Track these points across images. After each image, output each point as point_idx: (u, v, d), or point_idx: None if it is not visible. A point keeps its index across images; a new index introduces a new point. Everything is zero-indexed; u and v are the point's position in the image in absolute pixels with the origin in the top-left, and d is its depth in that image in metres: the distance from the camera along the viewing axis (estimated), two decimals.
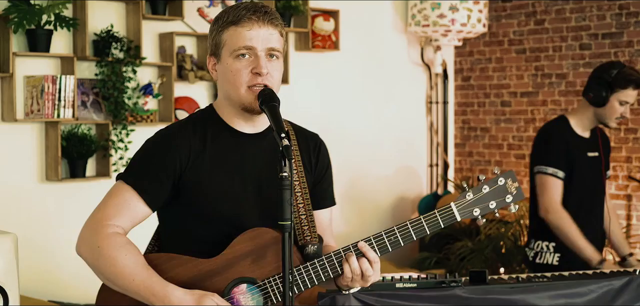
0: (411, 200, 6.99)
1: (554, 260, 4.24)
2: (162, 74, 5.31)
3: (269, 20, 2.44)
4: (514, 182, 2.53)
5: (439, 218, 2.48)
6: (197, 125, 2.51)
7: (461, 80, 7.38)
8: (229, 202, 2.46)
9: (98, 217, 2.43)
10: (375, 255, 2.45)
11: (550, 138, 4.30)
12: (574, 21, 6.63)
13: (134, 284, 2.37)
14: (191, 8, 5.48)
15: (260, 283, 2.44)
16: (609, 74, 4.16)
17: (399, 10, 6.89)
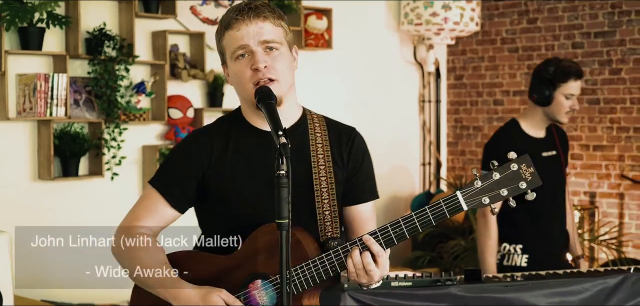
0: (404, 198, 6.99)
1: (523, 261, 4.20)
2: (154, 72, 5.29)
3: (255, 15, 2.44)
4: (529, 167, 2.36)
5: (444, 207, 2.36)
6: (222, 126, 2.58)
7: (454, 79, 7.38)
8: (250, 201, 2.50)
9: (128, 220, 2.54)
10: (379, 249, 2.39)
11: (500, 142, 4.20)
12: (566, 20, 6.64)
13: (152, 280, 2.46)
14: (184, 6, 5.46)
15: (273, 278, 2.46)
16: (547, 71, 4.13)
17: (392, 9, 6.89)
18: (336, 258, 2.44)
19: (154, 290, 2.48)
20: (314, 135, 2.60)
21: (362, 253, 2.40)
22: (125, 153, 5.16)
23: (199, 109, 5.51)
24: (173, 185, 2.52)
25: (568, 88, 4.12)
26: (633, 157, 6.31)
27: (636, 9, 6.25)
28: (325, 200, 2.55)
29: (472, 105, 7.27)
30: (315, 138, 2.59)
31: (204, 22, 5.56)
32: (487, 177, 2.37)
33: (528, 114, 4.25)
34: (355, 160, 2.64)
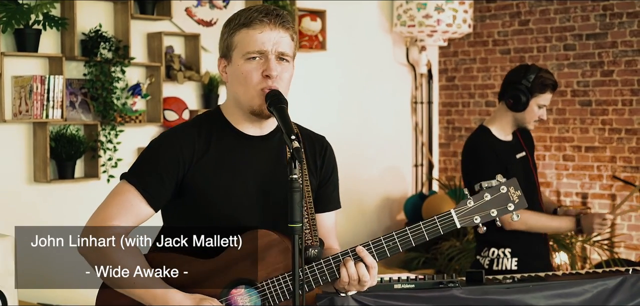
0: (397, 200, 7.01)
1: (513, 265, 4.23)
2: (150, 74, 5.28)
3: (281, 23, 2.44)
4: (517, 191, 2.52)
5: (438, 224, 2.48)
6: (202, 126, 2.52)
7: (445, 81, 7.40)
8: (230, 204, 2.47)
9: (101, 217, 2.44)
10: (373, 261, 2.44)
11: (477, 152, 4.23)
12: (558, 22, 6.68)
13: (135, 286, 2.39)
14: (179, 8, 5.46)
15: (259, 285, 2.44)
16: (528, 79, 4.13)
17: (385, 11, 6.91)
18: (327, 268, 2.45)
19: (135, 293, 2.40)
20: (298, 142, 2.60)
21: (357, 264, 2.42)
22: (121, 155, 5.14)
23: (195, 111, 5.50)
24: (151, 182, 2.44)
25: (543, 99, 4.18)
26: (624, 158, 6.36)
27: (628, 11, 6.30)
28: (304, 208, 2.54)
29: (464, 106, 7.30)
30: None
31: (199, 23, 5.56)
32: (479, 198, 2.50)
33: (497, 118, 4.26)
34: (327, 170, 2.66)
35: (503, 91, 4.24)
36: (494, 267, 4.22)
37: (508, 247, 4.21)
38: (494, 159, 4.15)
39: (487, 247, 4.24)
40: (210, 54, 5.65)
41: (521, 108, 4.16)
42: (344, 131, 6.56)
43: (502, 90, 4.26)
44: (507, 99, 4.18)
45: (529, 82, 4.14)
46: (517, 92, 4.15)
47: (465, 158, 4.34)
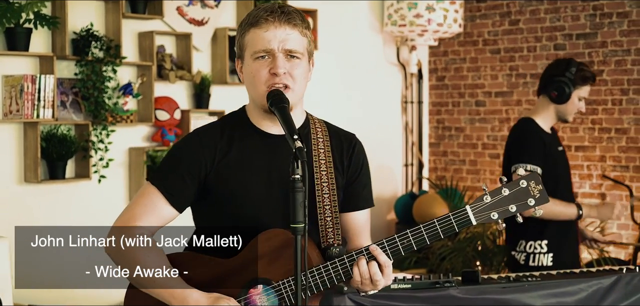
0: (387, 199, 7.00)
1: (548, 261, 4.28)
2: (142, 73, 5.25)
3: (286, 20, 2.43)
4: (538, 185, 2.41)
5: (453, 221, 2.40)
6: (225, 126, 2.55)
7: (436, 80, 7.41)
8: (253, 204, 2.48)
9: (125, 218, 2.49)
10: (386, 259, 2.42)
11: (525, 136, 4.35)
12: (548, 21, 6.70)
13: (155, 285, 2.42)
14: (171, 7, 5.43)
15: (275, 284, 2.44)
16: (570, 71, 4.28)
17: (375, 10, 6.90)
18: (341, 267, 2.44)
19: (156, 292, 2.44)
20: (316, 140, 2.59)
21: (369, 263, 2.41)
22: (112, 155, 5.11)
23: (186, 111, 5.48)
24: (174, 184, 2.48)
25: (584, 92, 4.36)
26: (614, 158, 6.38)
27: (617, 11, 6.32)
28: (327, 206, 2.54)
29: (454, 106, 7.31)
30: (318, 144, 2.59)
31: (191, 22, 5.53)
32: (497, 193, 2.41)
33: (540, 111, 4.40)
34: (355, 168, 2.64)
35: (544, 84, 4.37)
36: (530, 263, 4.28)
37: (545, 239, 4.28)
38: (540, 146, 4.28)
39: (523, 240, 4.31)
40: (201, 54, 5.63)
41: (565, 100, 4.29)
42: None
43: (542, 83, 4.39)
44: (551, 92, 4.31)
45: (572, 74, 4.28)
46: (560, 84, 4.28)
47: (510, 142, 4.44)
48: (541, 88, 4.38)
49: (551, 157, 4.30)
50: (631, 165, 6.30)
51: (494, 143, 7.03)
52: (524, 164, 4.24)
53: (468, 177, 7.19)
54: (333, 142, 2.62)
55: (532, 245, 4.31)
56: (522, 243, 4.34)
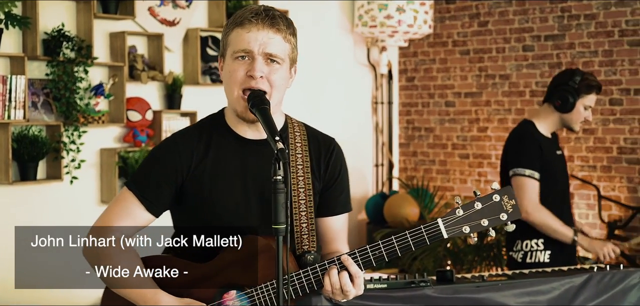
0: (358, 200, 7.03)
1: (545, 258, 4.35)
2: (113, 74, 5.22)
3: (270, 24, 2.41)
4: (511, 200, 2.40)
5: (424, 234, 2.39)
6: (203, 130, 2.53)
7: (405, 81, 7.45)
8: (229, 209, 2.47)
9: (102, 222, 2.49)
10: (357, 270, 2.39)
11: (523, 140, 4.40)
12: (517, 23, 6.77)
13: (127, 286, 2.41)
14: (142, 7, 5.41)
15: (249, 291, 2.43)
16: (574, 81, 4.34)
17: (346, 11, 6.93)
18: (314, 276, 2.43)
19: (127, 293, 2.43)
20: (294, 144, 2.58)
21: (340, 273, 2.39)
22: (84, 156, 5.08)
23: (158, 111, 5.46)
24: (150, 189, 2.47)
25: (589, 100, 4.39)
26: (582, 158, 6.46)
27: (585, 13, 6.40)
28: (303, 212, 2.53)
29: (424, 106, 7.35)
30: (296, 148, 2.57)
31: (162, 23, 5.51)
32: (469, 207, 2.39)
33: (542, 116, 4.46)
34: (333, 172, 2.62)
35: (550, 93, 4.43)
36: (527, 260, 4.36)
37: (541, 238, 4.34)
38: (537, 151, 4.33)
39: (519, 240, 4.38)
40: (173, 54, 5.61)
41: (569, 108, 4.35)
42: None
43: (548, 92, 4.45)
44: (555, 100, 4.36)
45: (576, 83, 4.34)
46: (564, 94, 4.34)
47: (508, 146, 4.48)
48: (547, 97, 4.44)
49: (549, 162, 4.36)
50: (598, 165, 6.39)
51: (464, 143, 7.09)
52: (522, 168, 4.30)
53: (438, 177, 7.25)
54: (311, 146, 2.61)
55: (528, 244, 4.36)
56: (518, 242, 4.40)
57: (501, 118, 6.86)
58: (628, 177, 6.25)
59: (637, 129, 6.19)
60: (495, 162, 6.86)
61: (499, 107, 6.88)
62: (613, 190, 6.31)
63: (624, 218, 6.19)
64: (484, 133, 6.95)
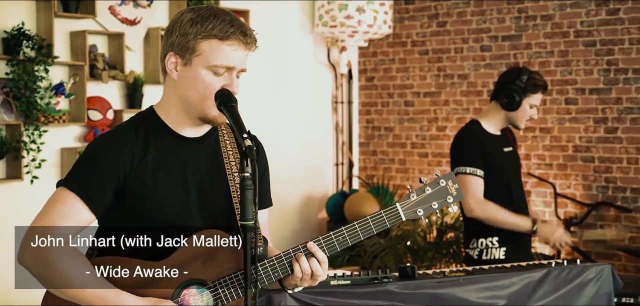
0: (318, 198, 7.07)
1: (501, 254, 4.41)
2: (74, 73, 5.20)
3: (250, 46, 2.46)
4: (454, 184, 2.64)
5: (385, 217, 2.55)
6: (139, 128, 2.49)
7: (365, 81, 7.51)
8: (172, 207, 2.46)
9: (41, 225, 2.37)
10: (324, 256, 2.49)
11: (465, 140, 4.47)
12: (475, 24, 6.86)
13: (85, 294, 2.33)
14: (103, 6, 5.39)
15: (211, 285, 2.43)
16: (521, 79, 4.38)
17: (306, 11, 6.96)
18: (279, 265, 2.47)
19: (85, 298, 2.34)
20: (224, 142, 2.60)
21: (309, 259, 2.46)
22: (44, 155, 5.05)
23: (119, 111, 5.44)
24: (92, 188, 2.39)
25: (535, 99, 4.44)
26: (539, 156, 6.57)
27: (542, 14, 6.51)
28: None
29: (384, 106, 7.42)
30: (226, 146, 2.60)
31: (123, 22, 5.50)
32: (421, 191, 2.61)
33: (489, 115, 4.50)
34: (260, 168, 2.61)
35: (496, 91, 4.47)
36: (483, 257, 4.42)
37: (496, 236, 4.40)
38: (479, 149, 4.38)
39: (475, 238, 4.44)
40: (134, 53, 5.60)
41: (515, 107, 4.39)
42: (266, 130, 6.58)
43: (495, 90, 4.49)
44: (501, 99, 4.41)
45: (523, 82, 4.38)
46: (511, 92, 4.39)
47: (452, 147, 4.54)
48: (493, 95, 4.50)
49: (493, 159, 4.42)
50: (555, 163, 6.50)
51: (423, 142, 7.17)
52: (463, 166, 4.37)
53: (397, 176, 7.31)
54: (238, 142, 2.64)
55: (483, 242, 4.43)
56: (474, 240, 4.47)
57: (460, 117, 6.94)
58: (583, 175, 6.37)
59: (592, 128, 6.31)
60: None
61: (457, 107, 6.97)
62: (569, 188, 6.43)
63: (580, 215, 6.31)
64: (442, 132, 7.03)
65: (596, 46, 6.27)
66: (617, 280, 3.99)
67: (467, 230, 4.55)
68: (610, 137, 6.24)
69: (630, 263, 6.13)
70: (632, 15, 6.10)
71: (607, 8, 6.21)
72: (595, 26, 6.27)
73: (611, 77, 6.21)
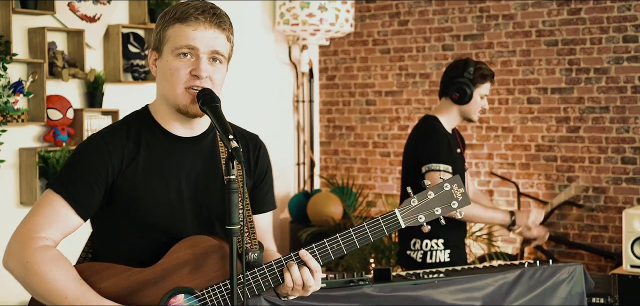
0: (280, 198, 6.99)
1: (446, 256, 4.37)
2: (33, 71, 5.04)
3: (217, 23, 2.37)
4: (460, 188, 2.49)
5: (382, 225, 2.42)
6: (130, 128, 2.42)
7: (326, 79, 7.45)
8: (163, 210, 2.37)
9: (26, 229, 2.31)
10: (316, 264, 2.38)
11: (433, 135, 4.38)
12: (436, 23, 6.84)
13: (67, 301, 2.25)
14: (62, 3, 5.24)
15: (198, 293, 2.35)
16: (469, 72, 4.35)
17: (267, 9, 6.88)
18: (270, 273, 2.37)
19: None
20: (221, 142, 2.52)
21: (301, 268, 2.36)
22: (3, 156, 4.89)
23: (79, 110, 5.30)
24: (80, 192, 2.32)
25: (484, 89, 4.38)
26: (501, 155, 6.59)
27: (503, 14, 6.52)
28: (240, 210, 2.49)
29: (345, 105, 7.37)
30: (224, 146, 2.51)
31: (83, 19, 5.36)
32: (423, 197, 2.46)
33: (443, 111, 4.44)
34: (262, 169, 2.60)
35: (445, 87, 4.39)
36: (427, 260, 4.33)
37: (441, 238, 4.33)
38: (447, 146, 4.30)
39: (418, 240, 4.33)
40: (94, 51, 5.47)
41: (467, 100, 4.34)
42: None
43: (443, 86, 4.41)
44: (453, 94, 4.34)
45: (471, 74, 4.33)
46: (461, 86, 4.32)
47: (418, 140, 4.41)
48: (442, 91, 4.43)
49: (454, 159, 4.37)
50: (517, 163, 6.52)
51: (385, 141, 7.14)
52: (436, 164, 4.26)
53: (359, 176, 7.28)
54: (239, 144, 2.57)
55: (428, 244, 4.36)
56: (416, 241, 4.38)
57: (422, 116, 6.90)
58: (546, 174, 6.40)
59: (554, 127, 6.34)
60: None
61: (419, 106, 6.95)
62: (532, 187, 6.45)
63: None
64: (404, 131, 7.00)
65: (558, 46, 6.30)
66: (589, 280, 4.00)
67: (405, 232, 4.38)
68: (572, 136, 6.27)
69: (592, 262, 6.17)
70: (594, 15, 6.14)
71: (568, 8, 6.24)
72: (557, 26, 6.30)
73: (573, 77, 6.25)
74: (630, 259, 5.15)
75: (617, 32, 6.05)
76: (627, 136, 6.04)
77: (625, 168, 6.06)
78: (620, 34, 6.04)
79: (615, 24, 6.05)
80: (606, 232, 6.16)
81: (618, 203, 6.09)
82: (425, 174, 4.27)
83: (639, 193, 6.01)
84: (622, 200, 6.08)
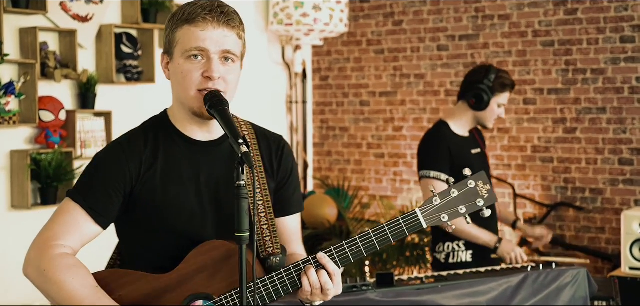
0: None
1: (468, 257, 4.35)
2: (24, 71, 4.95)
3: (225, 21, 2.31)
4: (486, 185, 2.38)
5: (403, 225, 2.34)
6: (148, 134, 2.39)
7: (319, 80, 7.38)
8: (183, 216, 2.33)
9: (45, 237, 2.29)
10: (335, 267, 2.31)
11: (431, 144, 4.41)
12: (431, 23, 6.79)
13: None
14: (54, 2, 5.15)
15: (217, 299, 2.30)
16: (489, 79, 4.32)
17: (261, 9, 6.81)
18: (288, 278, 2.31)
19: None
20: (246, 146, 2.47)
21: (318, 272, 2.29)
22: None
23: (72, 111, 5.20)
24: (98, 200, 2.29)
25: (503, 99, 4.37)
26: (497, 157, 6.54)
27: (499, 14, 6.47)
28: (262, 213, 2.42)
29: (339, 106, 7.30)
30: None
31: (75, 19, 5.26)
32: (446, 194, 2.37)
33: (456, 115, 4.43)
34: (285, 171, 2.53)
35: (464, 91, 4.38)
36: (450, 261, 4.34)
37: (462, 240, 4.34)
38: (446, 152, 4.28)
39: (441, 242, 4.38)
40: (86, 51, 5.38)
41: (483, 107, 4.32)
42: None
43: (462, 89, 4.40)
44: (470, 99, 4.32)
45: (491, 82, 4.30)
46: (479, 92, 4.30)
47: (419, 150, 4.45)
48: (461, 94, 4.42)
49: (463, 162, 4.31)
50: (513, 164, 6.47)
51: (379, 143, 7.07)
52: (427, 170, 4.30)
53: (353, 177, 7.21)
54: (261, 144, 2.51)
55: (450, 246, 4.36)
56: (441, 244, 4.40)
57: (416, 117, 6.87)
58: (542, 175, 6.35)
59: (550, 128, 6.30)
60: (410, 161, 6.87)
61: (414, 106, 6.89)
62: (528, 188, 6.41)
63: (539, 216, 6.29)
64: (399, 132, 6.95)
65: (554, 46, 6.26)
66: (593, 283, 3.96)
67: (434, 234, 4.48)
68: (569, 137, 6.23)
69: (589, 264, 6.13)
70: (590, 16, 6.10)
71: (565, 8, 6.20)
72: (554, 26, 6.25)
73: (569, 77, 6.21)
74: (629, 261, 5.12)
75: (614, 33, 6.01)
76: (624, 137, 6.01)
77: (622, 170, 6.02)
78: (618, 35, 6.00)
79: (612, 25, 6.01)
80: (603, 234, 6.12)
81: (615, 205, 6.05)
82: (420, 181, 4.35)
83: (636, 194, 5.98)
84: (620, 201, 6.04)
